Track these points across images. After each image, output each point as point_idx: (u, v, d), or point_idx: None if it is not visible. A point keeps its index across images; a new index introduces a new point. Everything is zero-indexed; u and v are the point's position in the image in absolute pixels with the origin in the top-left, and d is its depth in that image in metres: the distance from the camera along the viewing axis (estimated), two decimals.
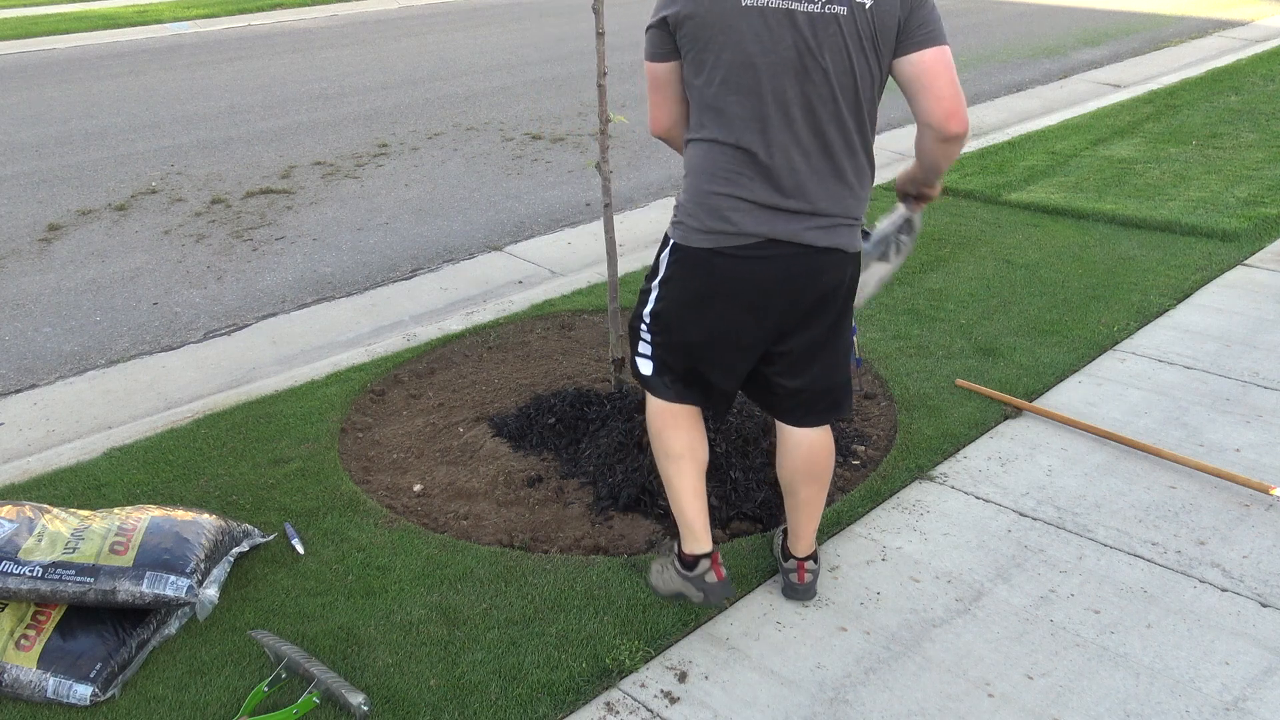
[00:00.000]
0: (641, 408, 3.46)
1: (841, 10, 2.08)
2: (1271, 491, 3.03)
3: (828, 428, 2.55)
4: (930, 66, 2.12)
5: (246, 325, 4.83)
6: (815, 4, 2.08)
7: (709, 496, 3.11)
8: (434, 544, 2.98)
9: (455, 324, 4.53)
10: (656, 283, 2.40)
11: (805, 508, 2.61)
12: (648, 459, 3.25)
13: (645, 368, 2.50)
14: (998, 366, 3.95)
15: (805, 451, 2.54)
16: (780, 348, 2.39)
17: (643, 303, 2.45)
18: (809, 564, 2.68)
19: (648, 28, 2.30)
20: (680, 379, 2.48)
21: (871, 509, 3.08)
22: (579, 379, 3.93)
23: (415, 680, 2.46)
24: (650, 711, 2.33)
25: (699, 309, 2.34)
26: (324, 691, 2.37)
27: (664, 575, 2.63)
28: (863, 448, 3.46)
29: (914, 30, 2.12)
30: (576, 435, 3.50)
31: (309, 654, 2.50)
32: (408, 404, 3.87)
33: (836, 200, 2.24)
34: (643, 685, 2.41)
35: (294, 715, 2.33)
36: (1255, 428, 3.45)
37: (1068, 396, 3.71)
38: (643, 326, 2.47)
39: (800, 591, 2.68)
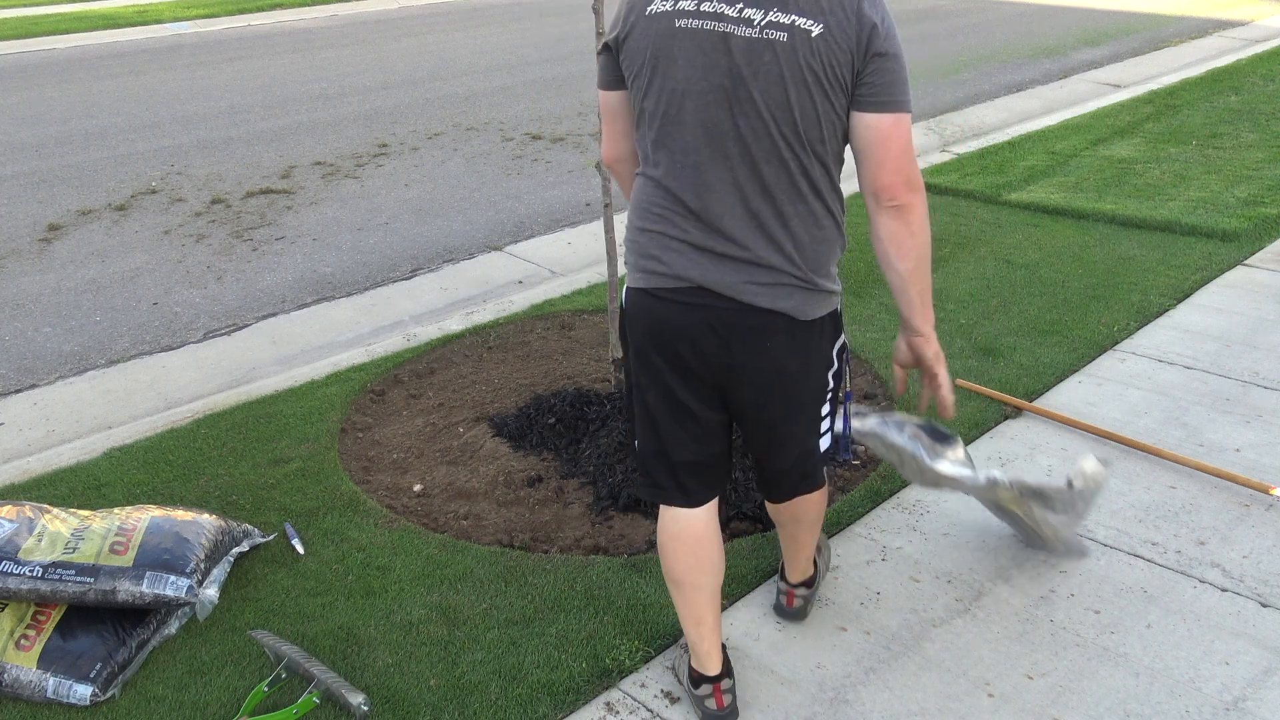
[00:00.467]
0: None
1: (780, 36, 1.82)
2: (1271, 491, 3.03)
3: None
4: (884, 135, 1.88)
5: (246, 325, 4.83)
6: (753, 28, 1.82)
7: None
8: (434, 544, 2.98)
9: (455, 324, 4.53)
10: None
11: (793, 543, 2.50)
12: None
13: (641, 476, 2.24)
14: (998, 366, 3.95)
15: (790, 505, 2.38)
16: (733, 414, 2.16)
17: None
18: (799, 590, 2.59)
19: (598, 52, 2.08)
20: (658, 465, 2.17)
21: (871, 509, 3.08)
22: (579, 379, 3.93)
23: (415, 680, 2.46)
24: (650, 711, 2.33)
25: (642, 360, 2.09)
26: (324, 691, 2.37)
27: (679, 671, 2.43)
28: (863, 447, 3.45)
29: (874, 84, 1.85)
30: (576, 435, 3.50)
31: (309, 654, 2.50)
32: (408, 404, 3.87)
33: (777, 248, 1.94)
34: (643, 685, 2.41)
35: (294, 715, 2.33)
36: (1255, 428, 3.45)
37: (1068, 396, 3.71)
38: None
39: (789, 614, 2.61)
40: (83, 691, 2.39)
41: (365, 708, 2.34)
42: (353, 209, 6.50)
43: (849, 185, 2.18)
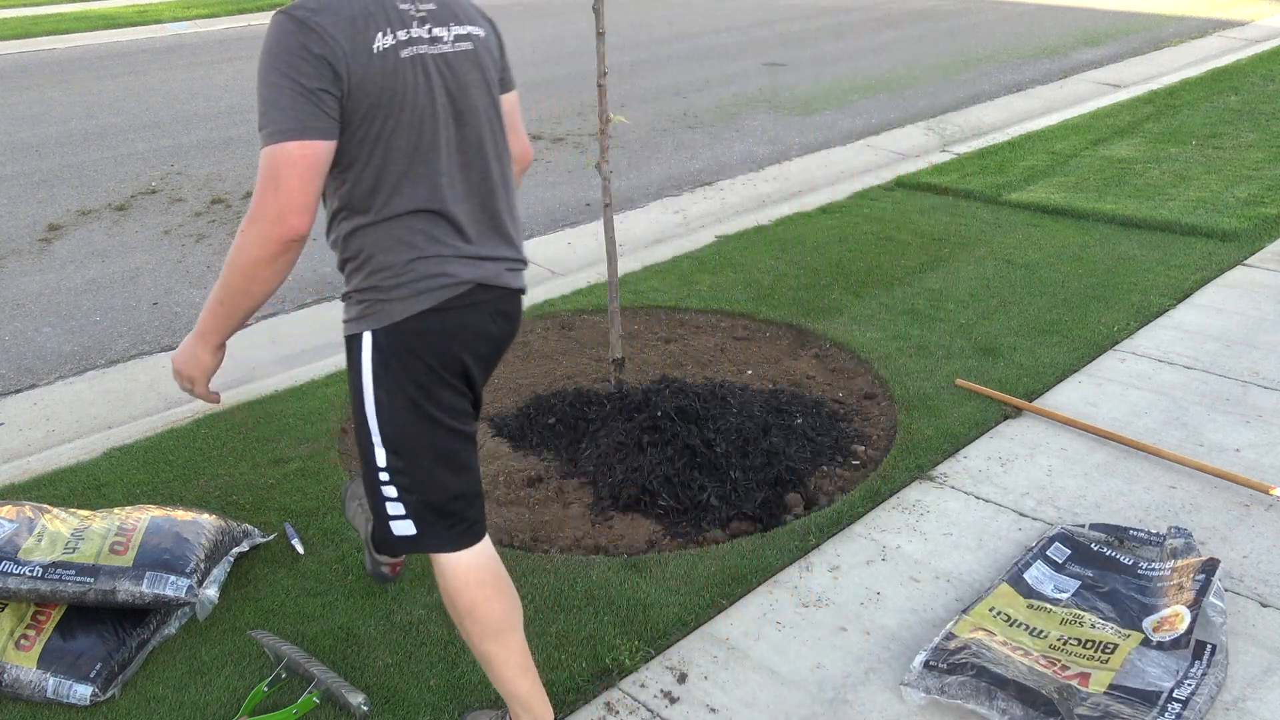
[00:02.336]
0: (642, 406, 3.46)
1: (468, 46, 1.99)
2: (1271, 491, 3.03)
3: None
4: (515, 106, 2.23)
5: (246, 325, 4.83)
6: (446, 44, 1.94)
7: (709, 496, 3.12)
8: None
9: None
10: (371, 403, 1.96)
11: None
12: (648, 459, 3.25)
13: (406, 528, 2.00)
14: (998, 366, 3.95)
15: None
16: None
17: (368, 450, 1.99)
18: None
19: (300, 94, 1.78)
20: (470, 503, 2.05)
21: (871, 509, 3.08)
22: (579, 379, 3.93)
23: (415, 680, 2.46)
24: (650, 711, 2.33)
25: (427, 391, 1.96)
26: (324, 691, 2.37)
27: None
28: (863, 448, 3.46)
29: (506, 69, 2.18)
30: (576, 435, 3.50)
31: (309, 654, 2.50)
32: None
33: (516, 239, 2.10)
34: (643, 685, 2.41)
35: (294, 715, 2.33)
36: (1255, 428, 3.45)
37: (1068, 396, 3.71)
38: (380, 478, 1.99)
39: (380, 577, 2.70)
40: (83, 691, 2.39)
41: (365, 708, 2.34)
42: None
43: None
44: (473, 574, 2.04)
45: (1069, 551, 2.77)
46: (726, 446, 3.27)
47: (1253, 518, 2.97)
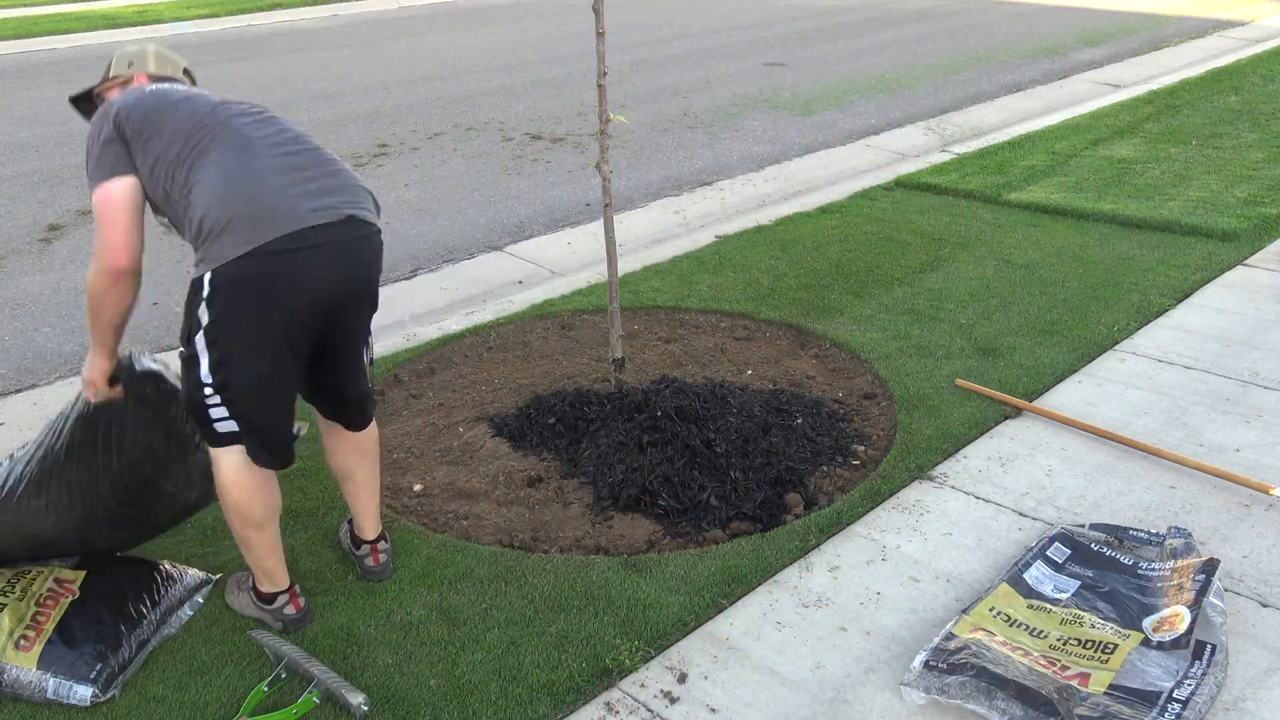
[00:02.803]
0: (642, 406, 3.47)
1: None
2: (1271, 491, 3.03)
3: None
4: None
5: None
6: None
7: (709, 496, 3.12)
8: (434, 544, 2.98)
9: (455, 324, 4.53)
10: (202, 335, 2.32)
11: (366, 487, 2.78)
12: (648, 459, 3.25)
13: (225, 427, 2.39)
14: (998, 366, 3.95)
15: (362, 438, 2.74)
16: (327, 348, 2.48)
17: (193, 370, 2.35)
18: (381, 544, 2.82)
19: (104, 144, 2.44)
20: (283, 434, 2.47)
21: (871, 509, 3.08)
22: (579, 379, 3.93)
23: (415, 680, 2.46)
24: (650, 711, 2.33)
25: (259, 326, 2.31)
26: (324, 691, 2.37)
27: (239, 599, 2.70)
28: (862, 448, 3.46)
29: None
30: (576, 435, 3.50)
31: (309, 654, 2.50)
32: (408, 404, 3.87)
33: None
34: (643, 685, 2.41)
35: (294, 715, 2.33)
36: (1255, 428, 3.45)
37: (1068, 396, 3.71)
38: (206, 393, 2.35)
39: (378, 572, 2.81)
40: (83, 692, 2.39)
41: (365, 708, 2.34)
42: None
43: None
44: (255, 474, 2.45)
45: (1069, 551, 2.77)
46: (726, 446, 3.27)
47: (1253, 518, 2.97)
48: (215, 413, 2.36)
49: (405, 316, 4.83)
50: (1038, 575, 2.68)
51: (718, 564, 2.84)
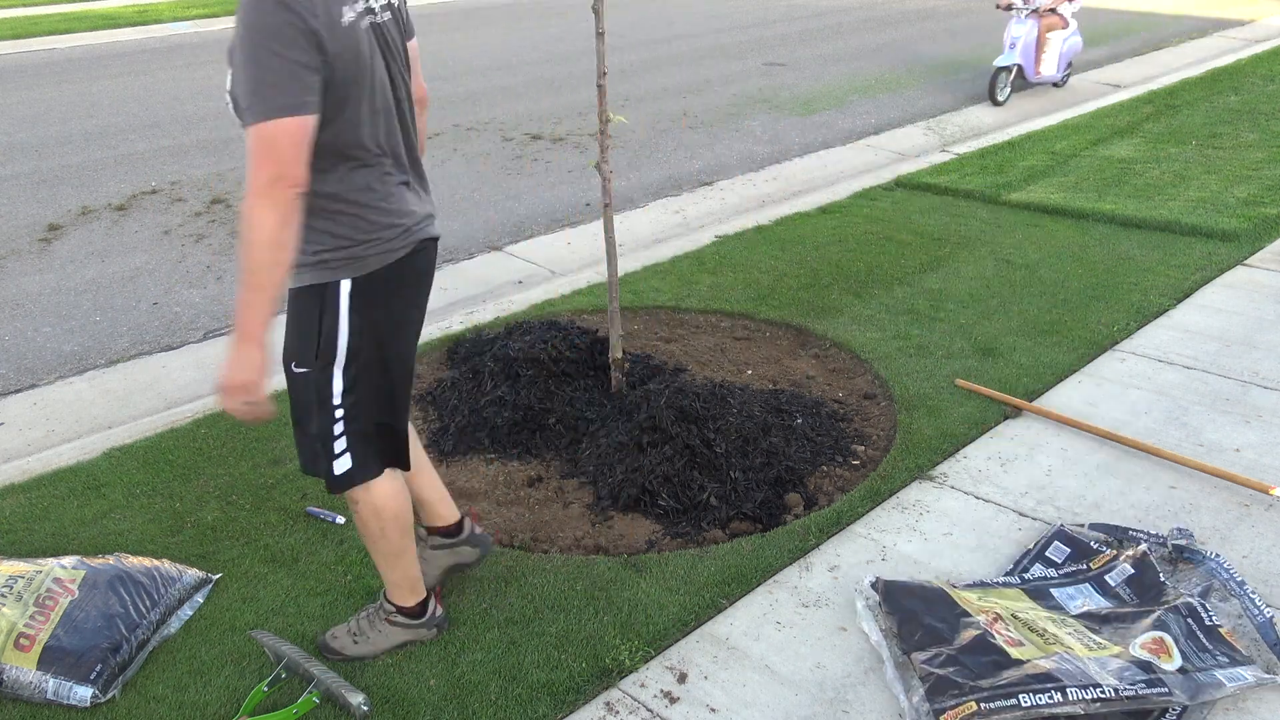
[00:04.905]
0: (642, 406, 3.46)
1: (387, 16, 2.14)
2: (1271, 491, 3.03)
3: None
4: (416, 53, 2.34)
5: None
6: (375, 15, 2.09)
7: (709, 496, 3.12)
8: None
9: (455, 324, 4.53)
10: (344, 356, 2.25)
11: (433, 472, 2.66)
12: (648, 459, 3.25)
13: (344, 464, 2.29)
14: (998, 366, 3.95)
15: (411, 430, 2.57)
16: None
17: (325, 396, 2.29)
18: (467, 519, 2.73)
19: (291, 71, 1.88)
20: (382, 440, 2.35)
21: (871, 509, 3.08)
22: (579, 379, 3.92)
23: (415, 680, 2.46)
24: (650, 711, 2.33)
25: (395, 334, 2.29)
26: (324, 691, 2.37)
27: (377, 638, 2.54)
28: (863, 448, 3.46)
29: (408, 18, 2.30)
30: (576, 435, 3.50)
31: (309, 654, 2.50)
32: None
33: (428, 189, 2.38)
34: (643, 685, 2.41)
35: (294, 715, 2.33)
36: (1255, 428, 3.45)
37: (1068, 396, 3.71)
38: (337, 415, 2.28)
39: (488, 540, 2.74)
40: (83, 693, 2.39)
41: (365, 708, 2.34)
42: None
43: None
44: (401, 489, 2.40)
45: (1068, 550, 2.77)
46: (726, 446, 3.27)
47: (1253, 518, 2.97)
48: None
49: None
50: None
51: (718, 564, 2.84)
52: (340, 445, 2.29)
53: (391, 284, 2.23)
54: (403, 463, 2.42)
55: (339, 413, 2.28)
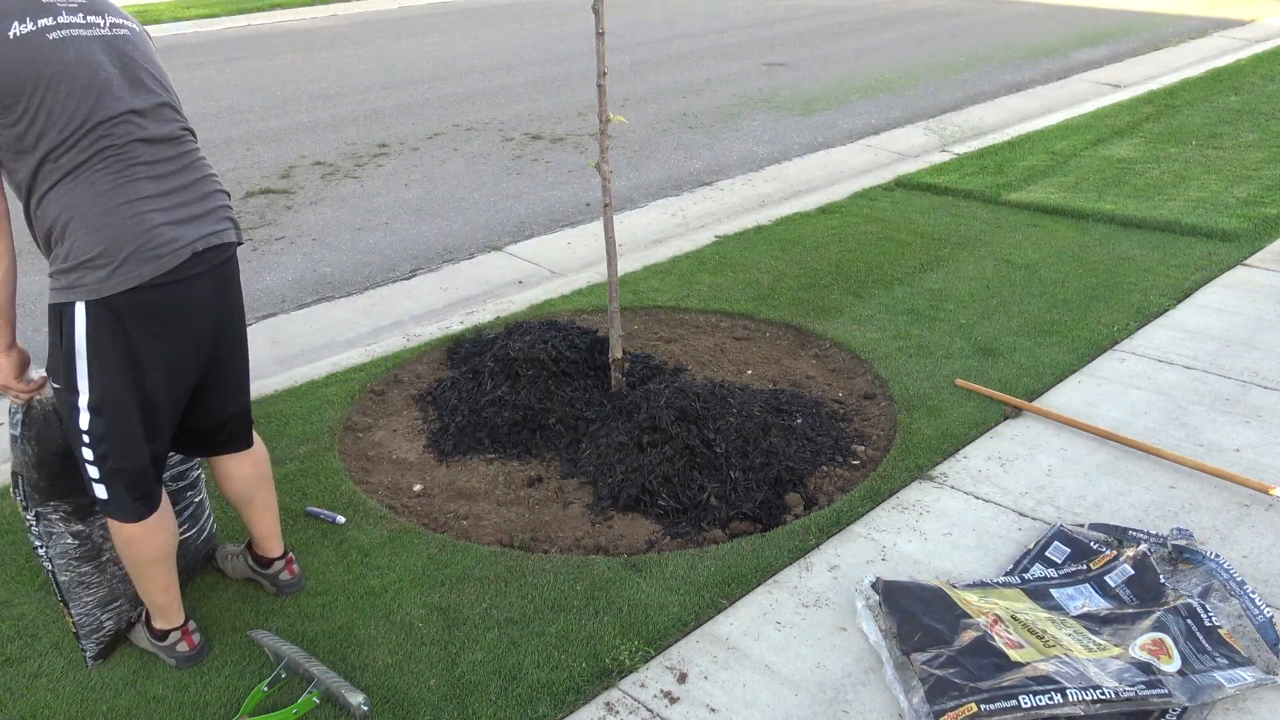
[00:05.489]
0: (642, 406, 3.46)
1: (127, 31, 2.26)
2: (1271, 491, 3.03)
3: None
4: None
5: (246, 325, 4.83)
6: (104, 28, 2.20)
7: (709, 496, 3.12)
8: (434, 544, 2.98)
9: (455, 324, 4.53)
10: (83, 374, 2.19)
11: (269, 507, 2.73)
12: (648, 459, 3.25)
13: (101, 492, 2.31)
14: (998, 366, 3.95)
15: (254, 462, 2.67)
16: (205, 376, 2.42)
17: (73, 419, 2.24)
18: (290, 556, 2.80)
19: None
20: (138, 479, 2.32)
21: (871, 509, 3.08)
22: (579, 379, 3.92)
23: (415, 680, 2.46)
24: (650, 711, 2.33)
25: (135, 368, 2.21)
26: (324, 691, 2.37)
27: (136, 633, 2.61)
28: (862, 448, 3.46)
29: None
30: (577, 435, 3.50)
31: (309, 654, 2.50)
32: (408, 404, 3.87)
33: (220, 190, 2.37)
34: (643, 685, 2.41)
35: (294, 715, 2.33)
36: (1255, 428, 3.45)
37: (1068, 396, 3.71)
38: (83, 443, 2.25)
39: (294, 584, 2.79)
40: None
41: (365, 708, 2.33)
42: (353, 209, 6.50)
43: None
44: (159, 516, 2.41)
45: (1068, 550, 2.77)
46: (726, 446, 3.27)
47: (1253, 518, 2.97)
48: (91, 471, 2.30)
49: (405, 316, 4.83)
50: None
51: (717, 564, 2.84)
52: (92, 471, 2.30)
53: (139, 313, 2.17)
54: (152, 504, 2.39)
55: (83, 442, 2.27)
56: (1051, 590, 2.63)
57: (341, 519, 3.07)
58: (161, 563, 2.45)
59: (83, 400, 2.21)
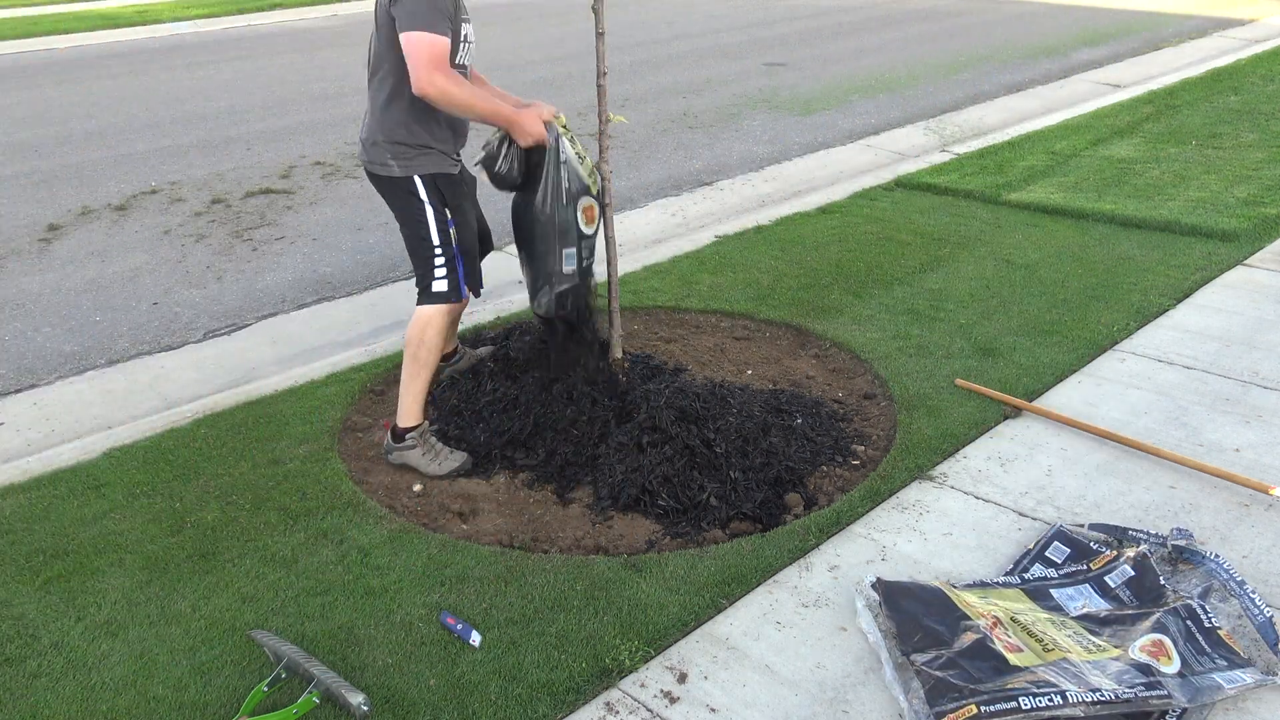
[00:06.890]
0: (642, 406, 3.46)
1: None
2: (1271, 491, 3.03)
3: None
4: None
5: (246, 325, 4.83)
6: None
7: (709, 496, 3.13)
8: (434, 544, 2.98)
9: None
10: (445, 211, 3.32)
11: None
12: (648, 459, 3.25)
13: (445, 285, 3.34)
14: (998, 366, 3.95)
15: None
16: None
17: (441, 234, 3.31)
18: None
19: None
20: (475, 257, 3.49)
21: (871, 509, 3.08)
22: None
23: (415, 680, 2.46)
24: (650, 711, 2.33)
25: (466, 200, 3.44)
26: (324, 691, 2.37)
27: (439, 460, 3.36)
28: (862, 448, 3.46)
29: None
30: (577, 436, 3.50)
31: (309, 654, 2.50)
32: None
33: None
34: (642, 685, 2.41)
35: (294, 715, 2.33)
36: (1255, 428, 3.45)
37: (1068, 396, 3.71)
38: (435, 252, 3.30)
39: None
40: None
41: (365, 708, 2.34)
42: (353, 209, 6.50)
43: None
44: (447, 315, 3.42)
45: (1068, 550, 2.77)
46: (726, 446, 3.27)
47: (1253, 518, 2.97)
48: (438, 272, 3.32)
49: (405, 317, 4.82)
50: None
51: (717, 564, 2.84)
52: (441, 271, 3.40)
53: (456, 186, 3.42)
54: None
55: (435, 251, 3.37)
56: (1051, 590, 2.63)
57: (477, 639, 2.58)
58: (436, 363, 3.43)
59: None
